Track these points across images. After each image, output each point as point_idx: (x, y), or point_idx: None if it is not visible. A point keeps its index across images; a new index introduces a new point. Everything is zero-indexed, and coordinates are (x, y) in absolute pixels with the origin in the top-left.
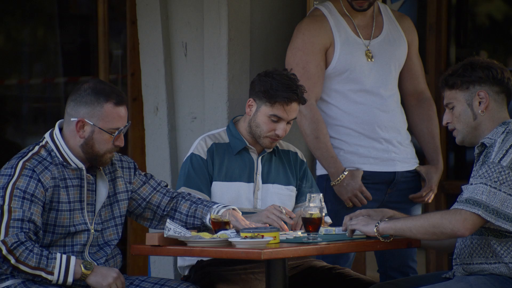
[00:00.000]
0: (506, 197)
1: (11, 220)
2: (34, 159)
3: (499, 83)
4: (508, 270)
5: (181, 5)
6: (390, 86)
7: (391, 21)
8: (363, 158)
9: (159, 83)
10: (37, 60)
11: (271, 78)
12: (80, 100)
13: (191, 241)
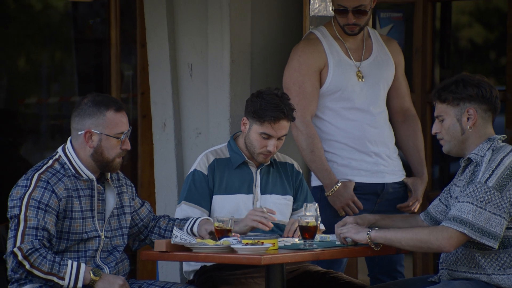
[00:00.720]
0: (491, 216)
1: (26, 228)
2: (48, 171)
3: (487, 101)
4: (488, 280)
5: (187, 29)
6: (379, 104)
7: (379, 44)
8: (355, 170)
9: (167, 101)
10: (54, 81)
11: (261, 99)
12: (83, 113)
13: (196, 247)
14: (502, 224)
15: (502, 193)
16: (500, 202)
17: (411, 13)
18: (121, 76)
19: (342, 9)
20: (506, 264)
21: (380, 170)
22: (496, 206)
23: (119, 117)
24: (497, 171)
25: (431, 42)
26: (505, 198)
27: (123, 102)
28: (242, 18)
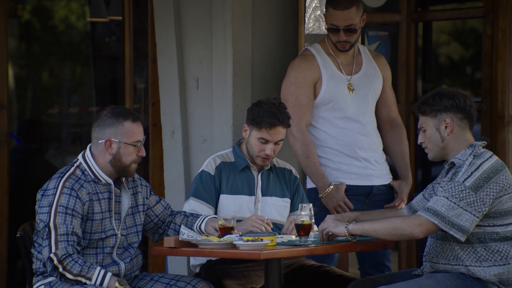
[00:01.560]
0: (463, 212)
1: (58, 236)
2: (71, 178)
3: (462, 110)
4: (467, 271)
5: (194, 46)
6: (368, 114)
7: (368, 60)
8: (346, 174)
9: (175, 111)
10: (74, 93)
11: (259, 107)
12: (103, 124)
13: (201, 243)
14: (472, 220)
15: (476, 194)
16: (473, 201)
17: (396, 32)
18: (134, 88)
19: (334, 27)
20: (483, 257)
21: (368, 174)
22: (469, 204)
23: (135, 127)
24: (476, 174)
25: (414, 58)
26: (479, 198)
27: (136, 111)
28: (244, 36)
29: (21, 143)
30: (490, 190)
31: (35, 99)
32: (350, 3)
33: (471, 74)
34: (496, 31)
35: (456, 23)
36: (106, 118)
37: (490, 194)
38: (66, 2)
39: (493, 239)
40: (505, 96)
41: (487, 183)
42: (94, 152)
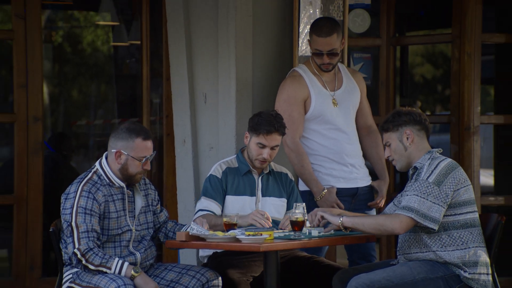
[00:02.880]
0: (432, 205)
1: (80, 233)
2: (89, 183)
3: (419, 123)
4: (435, 256)
5: (202, 66)
6: (351, 124)
7: (347, 76)
8: (335, 178)
9: (186, 122)
10: (99, 107)
11: (259, 116)
12: (118, 136)
13: (209, 237)
14: (440, 211)
15: (439, 187)
16: (438, 194)
17: (377, 54)
18: (150, 103)
19: (318, 52)
20: (447, 243)
21: (354, 177)
22: (435, 197)
23: (145, 144)
24: (436, 171)
25: (393, 76)
26: (442, 191)
27: (151, 124)
28: (245, 57)
29: (53, 151)
30: (450, 183)
31: (65, 112)
32: (332, 30)
33: (441, 91)
34: (463, 55)
35: (428, 47)
36: (122, 132)
37: (451, 187)
38: (93, 29)
39: (455, 227)
40: (471, 111)
41: (446, 178)
42: (109, 159)
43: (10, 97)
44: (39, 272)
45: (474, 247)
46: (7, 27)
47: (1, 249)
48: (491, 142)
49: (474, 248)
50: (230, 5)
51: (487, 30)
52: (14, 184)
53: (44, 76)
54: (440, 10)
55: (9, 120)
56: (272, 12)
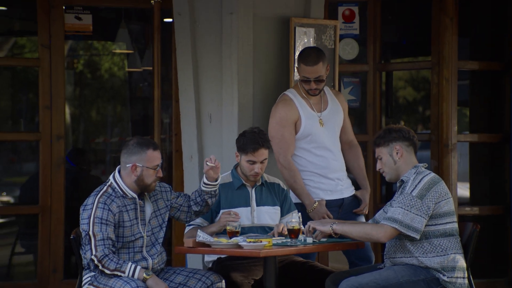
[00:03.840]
0: (414, 216)
1: (96, 241)
2: (104, 195)
3: (407, 139)
4: (417, 261)
5: (208, 89)
6: (336, 142)
7: (331, 98)
8: (323, 191)
9: (193, 140)
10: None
11: (243, 137)
12: (130, 152)
13: (213, 244)
14: (422, 221)
15: (422, 200)
16: (421, 207)
17: (365, 79)
18: (161, 122)
19: (306, 79)
20: (428, 249)
21: (339, 189)
22: (418, 209)
23: (155, 154)
24: (419, 185)
25: (379, 99)
26: (424, 204)
27: (162, 141)
28: (247, 82)
29: (74, 165)
30: (432, 197)
31: (85, 131)
32: (318, 59)
33: (422, 112)
34: (441, 80)
35: (410, 72)
36: (133, 147)
37: (432, 200)
38: (110, 57)
39: (435, 235)
40: (449, 130)
41: (429, 192)
42: (122, 173)
43: (36, 117)
44: (61, 275)
45: (452, 253)
46: (35, 56)
47: (27, 254)
48: (467, 158)
49: (453, 255)
50: (233, 35)
51: (463, 58)
52: (39, 196)
53: (66, 99)
54: (421, 40)
55: (35, 138)
56: (271, 42)
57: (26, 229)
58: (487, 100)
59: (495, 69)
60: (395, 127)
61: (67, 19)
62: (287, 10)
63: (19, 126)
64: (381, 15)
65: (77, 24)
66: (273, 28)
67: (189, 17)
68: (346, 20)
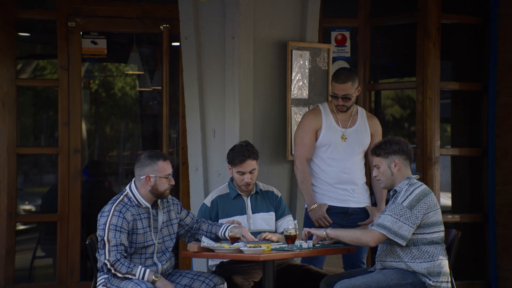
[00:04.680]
0: (402, 225)
1: (110, 246)
2: (120, 204)
3: (406, 153)
4: (406, 266)
5: (212, 107)
6: (353, 158)
7: (363, 119)
8: (329, 198)
9: (198, 153)
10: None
11: (232, 151)
12: (142, 164)
13: (217, 249)
14: (409, 230)
15: (411, 211)
16: (409, 216)
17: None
18: (169, 137)
19: (335, 95)
20: (416, 255)
21: (346, 199)
22: (406, 218)
23: (166, 164)
24: (410, 197)
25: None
26: (413, 214)
27: (170, 155)
28: (247, 100)
29: (89, 177)
30: (421, 208)
31: (100, 145)
32: (347, 78)
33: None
34: (425, 98)
35: (397, 92)
36: (144, 160)
37: (421, 211)
38: (123, 77)
39: (423, 243)
40: (432, 144)
41: (418, 203)
42: (137, 184)
43: (55, 133)
44: (77, 277)
45: (438, 260)
46: (54, 77)
47: (47, 258)
48: (448, 170)
49: (438, 261)
50: (235, 57)
51: (444, 79)
52: (58, 205)
53: (82, 116)
54: (406, 62)
55: (54, 152)
56: (269, 63)
57: (46, 235)
58: (467, 117)
59: (474, 89)
60: (395, 140)
61: (84, 43)
62: (284, 34)
63: (40, 141)
64: (370, 40)
65: (93, 48)
66: (271, 50)
67: (195, 41)
68: (339, 44)
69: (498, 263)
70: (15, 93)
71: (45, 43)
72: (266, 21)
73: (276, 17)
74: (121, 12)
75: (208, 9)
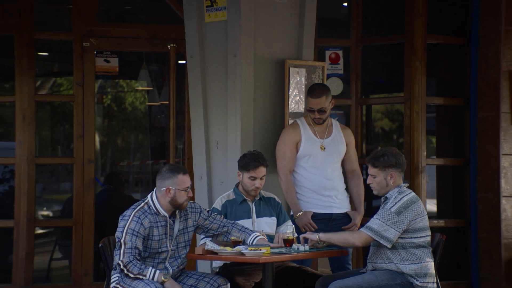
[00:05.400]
0: (389, 228)
1: (125, 249)
2: (140, 211)
3: (401, 166)
4: (395, 267)
5: (215, 120)
6: (333, 165)
7: (337, 130)
8: (314, 205)
9: (202, 163)
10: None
11: (245, 157)
12: (163, 177)
13: (220, 252)
14: (395, 234)
15: (398, 216)
16: (396, 221)
17: (349, 111)
18: (176, 148)
19: (311, 109)
20: (405, 258)
21: (329, 205)
22: (393, 223)
23: (185, 178)
24: (398, 203)
25: (360, 128)
26: (400, 219)
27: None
28: (248, 113)
29: (102, 185)
30: (408, 214)
31: (112, 156)
32: (321, 93)
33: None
34: (412, 112)
35: (387, 106)
36: (166, 173)
37: (408, 217)
38: (133, 93)
39: (411, 246)
40: (419, 155)
41: (406, 210)
42: (158, 194)
43: (71, 144)
44: (91, 278)
45: (425, 262)
46: (70, 93)
47: (63, 260)
48: (434, 179)
49: (425, 263)
50: (236, 74)
51: (430, 94)
52: (73, 211)
53: (96, 129)
54: (395, 79)
55: (70, 162)
56: (268, 79)
57: (63, 239)
58: (451, 130)
59: (457, 104)
60: (393, 152)
61: (97, 62)
62: (282, 53)
63: (57, 152)
64: (362, 58)
65: (106, 66)
66: (270, 68)
67: (200, 60)
68: (332, 62)
69: (479, 265)
70: (35, 107)
71: (62, 62)
72: (265, 40)
73: (275, 37)
74: (131, 33)
75: (211, 30)
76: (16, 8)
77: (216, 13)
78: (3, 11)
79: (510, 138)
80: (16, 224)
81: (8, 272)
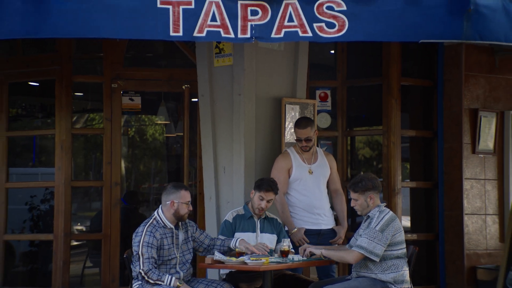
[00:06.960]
0: (376, 245)
1: (144, 259)
2: (151, 225)
3: (378, 188)
4: (376, 276)
5: (222, 148)
6: (320, 187)
7: (322, 156)
8: (306, 222)
9: (211, 185)
10: (156, 176)
11: (262, 180)
12: (168, 192)
13: (226, 261)
14: (381, 249)
15: (382, 233)
16: (381, 238)
17: (336, 142)
18: (189, 173)
19: (298, 139)
20: (385, 268)
21: (318, 222)
22: (379, 240)
23: (187, 193)
24: (381, 222)
25: (346, 156)
26: (384, 236)
27: (189, 186)
28: (250, 143)
29: (127, 204)
30: (389, 231)
31: (135, 179)
32: (307, 124)
33: (376, 166)
34: (389, 143)
35: (368, 137)
36: (170, 189)
37: (390, 233)
38: (153, 126)
39: (390, 258)
40: (395, 179)
41: (388, 227)
42: (163, 209)
43: (101, 170)
44: (117, 283)
45: (401, 270)
46: (101, 126)
47: (94, 268)
48: (408, 199)
49: (402, 271)
50: (241, 110)
51: (404, 127)
52: (102, 226)
53: (122, 156)
54: (375, 114)
55: (100, 184)
56: (268, 114)
57: (93, 250)
58: (422, 158)
59: (427, 136)
60: (369, 177)
61: (123, 100)
62: (279, 92)
63: (89, 176)
64: (347, 96)
65: (130, 104)
66: (269, 105)
67: (210, 98)
68: (322, 99)
69: (446, 272)
70: (71, 139)
71: (94, 100)
72: (265, 82)
73: (273, 79)
74: (152, 76)
75: (220, 73)
76: (57, 57)
77: (223, 59)
78: (47, 59)
79: (471, 165)
80: (55, 238)
81: (48, 278)
